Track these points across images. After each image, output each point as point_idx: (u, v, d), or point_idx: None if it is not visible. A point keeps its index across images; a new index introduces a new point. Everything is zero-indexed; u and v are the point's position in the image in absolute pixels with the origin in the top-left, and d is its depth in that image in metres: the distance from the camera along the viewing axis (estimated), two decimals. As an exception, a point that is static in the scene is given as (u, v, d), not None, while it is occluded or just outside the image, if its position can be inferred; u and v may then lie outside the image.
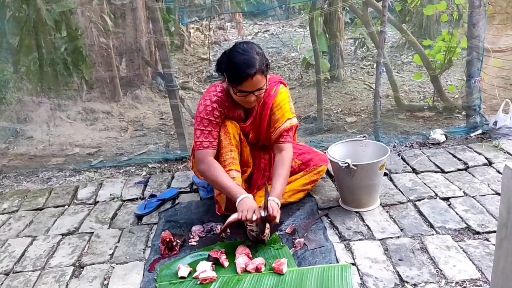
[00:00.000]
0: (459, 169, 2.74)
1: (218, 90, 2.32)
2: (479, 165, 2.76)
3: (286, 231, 2.26)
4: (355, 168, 2.24)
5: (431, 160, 2.88)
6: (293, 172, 2.49)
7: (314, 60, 4.24)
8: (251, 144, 2.47)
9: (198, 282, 1.93)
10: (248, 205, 2.07)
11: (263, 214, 2.08)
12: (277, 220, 2.10)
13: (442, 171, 2.74)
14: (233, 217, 2.11)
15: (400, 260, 1.98)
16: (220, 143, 2.31)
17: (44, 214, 2.69)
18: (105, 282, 2.03)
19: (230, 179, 2.22)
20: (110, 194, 2.84)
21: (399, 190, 2.56)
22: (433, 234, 2.14)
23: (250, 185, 2.50)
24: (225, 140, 2.30)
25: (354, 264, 1.98)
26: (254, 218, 2.05)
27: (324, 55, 5.37)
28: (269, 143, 2.47)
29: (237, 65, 2.11)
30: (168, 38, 4.07)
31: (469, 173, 2.69)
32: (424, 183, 2.61)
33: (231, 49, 2.20)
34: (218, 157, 2.31)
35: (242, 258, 2.03)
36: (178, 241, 2.20)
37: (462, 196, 2.44)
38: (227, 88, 2.30)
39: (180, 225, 2.40)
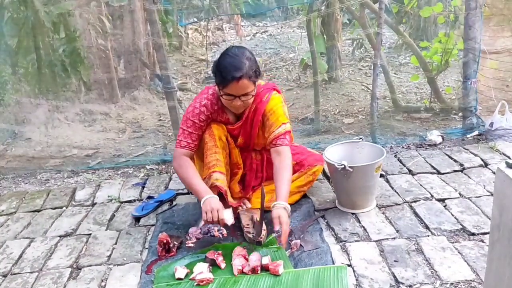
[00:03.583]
0: (455, 171, 2.76)
1: (209, 93, 2.34)
2: (475, 167, 2.78)
3: (283, 232, 2.27)
4: (351, 170, 2.25)
5: (427, 162, 2.90)
6: None
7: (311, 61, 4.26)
8: (240, 147, 2.48)
9: (195, 284, 1.94)
10: (211, 206, 2.08)
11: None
12: (286, 232, 2.06)
13: (438, 173, 2.75)
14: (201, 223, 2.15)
15: (395, 261, 1.99)
16: (204, 145, 2.32)
17: (42, 215, 2.70)
18: (103, 284, 2.04)
19: (200, 179, 2.23)
20: (108, 196, 2.85)
21: (395, 191, 2.58)
22: (428, 236, 2.15)
23: (244, 187, 2.51)
24: (210, 142, 2.31)
25: (350, 265, 2.00)
26: (217, 219, 2.08)
27: (322, 56, 5.38)
28: (260, 148, 2.48)
29: (224, 67, 2.13)
30: (166, 40, 4.09)
31: (465, 174, 2.71)
32: (420, 185, 2.62)
33: (223, 52, 2.23)
34: (202, 158, 2.33)
35: (238, 260, 2.04)
36: (175, 242, 2.21)
37: (458, 198, 2.46)
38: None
39: (177, 226, 2.41)
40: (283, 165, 2.24)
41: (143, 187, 2.93)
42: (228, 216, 2.11)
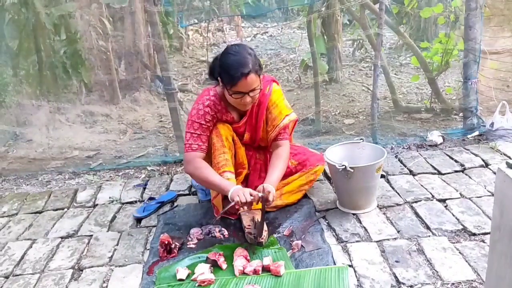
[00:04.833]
0: (455, 171, 2.76)
1: (211, 94, 2.34)
2: (476, 167, 2.78)
3: (284, 233, 2.28)
4: (352, 170, 2.26)
5: (428, 162, 2.90)
6: (289, 173, 2.51)
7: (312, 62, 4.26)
8: (245, 145, 2.49)
9: (197, 285, 1.94)
10: (241, 190, 2.12)
11: (260, 194, 2.12)
12: (270, 198, 2.13)
13: (439, 173, 2.75)
14: (232, 204, 2.12)
15: (396, 261, 1.99)
16: (212, 146, 2.33)
17: (44, 217, 2.71)
18: (104, 285, 2.04)
19: (219, 176, 2.25)
20: (109, 197, 2.85)
21: (396, 192, 2.58)
22: (429, 236, 2.15)
23: (247, 187, 2.50)
24: (218, 143, 2.32)
25: (351, 265, 2.00)
26: (250, 199, 2.09)
27: (322, 57, 5.38)
28: (265, 144, 2.49)
29: (231, 66, 2.14)
30: (166, 41, 4.10)
31: (466, 174, 2.71)
32: (421, 185, 2.62)
33: (223, 52, 2.23)
34: (211, 159, 2.34)
35: (240, 261, 2.04)
36: (177, 243, 2.21)
37: (459, 198, 2.46)
38: (220, 91, 2.33)
39: (178, 227, 2.41)
40: (279, 155, 2.36)
41: (144, 188, 2.94)
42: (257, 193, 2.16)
